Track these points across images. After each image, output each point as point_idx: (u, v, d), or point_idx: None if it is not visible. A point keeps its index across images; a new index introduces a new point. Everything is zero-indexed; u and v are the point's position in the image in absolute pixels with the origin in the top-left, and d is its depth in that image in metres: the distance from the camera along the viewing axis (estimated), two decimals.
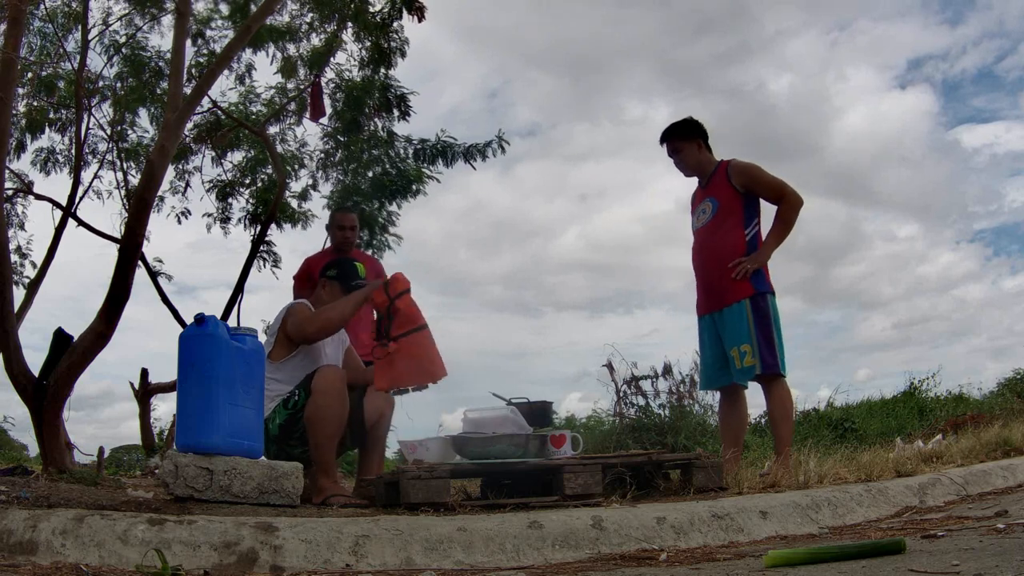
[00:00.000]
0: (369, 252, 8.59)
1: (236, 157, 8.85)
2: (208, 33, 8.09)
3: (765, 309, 3.55)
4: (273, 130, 8.65)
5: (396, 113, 7.99)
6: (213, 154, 8.55)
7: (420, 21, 6.91)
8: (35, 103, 7.92)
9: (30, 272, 8.00)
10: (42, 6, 7.26)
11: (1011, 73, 35.46)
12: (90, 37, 7.19)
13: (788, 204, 3.59)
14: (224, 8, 8.04)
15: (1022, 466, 3.65)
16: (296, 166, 8.85)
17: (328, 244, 5.03)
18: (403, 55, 7.60)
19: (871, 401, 10.70)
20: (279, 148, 8.65)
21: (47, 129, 8.13)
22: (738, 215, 3.64)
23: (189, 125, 8.17)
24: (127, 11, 7.69)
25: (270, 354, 3.14)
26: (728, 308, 3.61)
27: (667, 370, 5.81)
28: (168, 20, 7.49)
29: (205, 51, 8.10)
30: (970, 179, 38.13)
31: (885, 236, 33.78)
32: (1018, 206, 34.23)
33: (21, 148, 8.04)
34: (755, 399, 4.02)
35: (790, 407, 3.66)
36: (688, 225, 3.91)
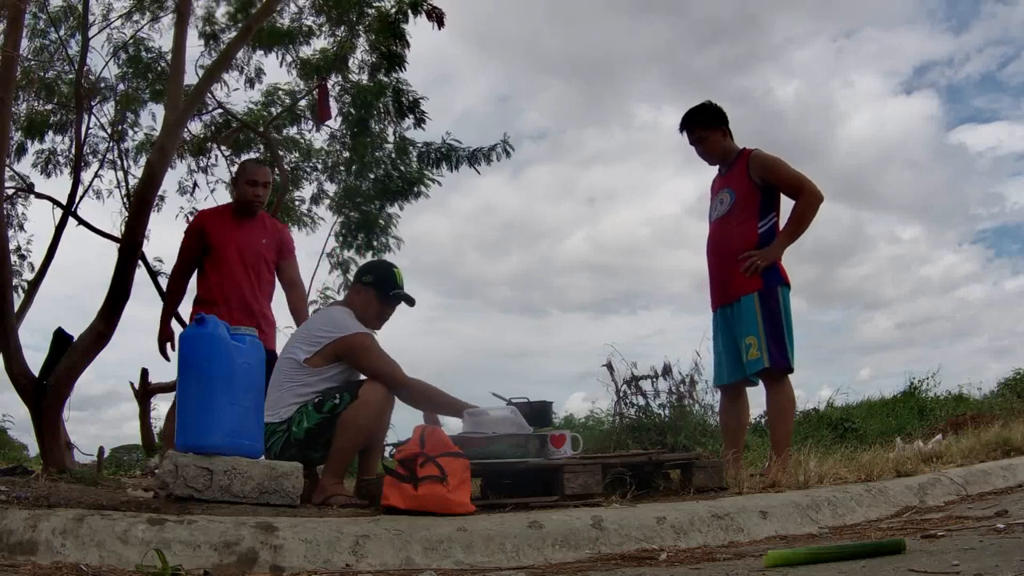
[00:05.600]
0: (370, 254, 8.60)
1: (245, 158, 8.83)
2: (221, 35, 8.01)
3: (775, 303, 3.49)
4: (290, 132, 8.61)
5: (411, 119, 7.88)
6: (223, 154, 8.52)
7: (440, 28, 6.87)
8: (36, 105, 7.88)
9: (28, 275, 7.96)
10: (42, 6, 7.26)
11: (1014, 79, 35.58)
12: (90, 35, 7.18)
13: (805, 199, 3.50)
14: (224, 10, 8.00)
15: (1022, 466, 3.66)
16: (307, 170, 8.83)
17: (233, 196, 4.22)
18: (406, 60, 7.56)
19: (871, 401, 10.69)
20: (292, 151, 8.64)
21: (49, 132, 8.09)
22: (754, 208, 3.57)
23: (200, 125, 8.19)
24: (128, 9, 7.68)
25: (307, 360, 3.07)
26: (737, 302, 3.57)
27: (667, 370, 5.79)
28: (168, 20, 7.48)
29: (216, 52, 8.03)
30: (972, 181, 38.24)
31: (888, 238, 33.82)
32: (1019, 207, 34.35)
33: (22, 151, 8.01)
34: (757, 399, 3.99)
35: (790, 409, 3.59)
36: (699, 219, 3.86)
